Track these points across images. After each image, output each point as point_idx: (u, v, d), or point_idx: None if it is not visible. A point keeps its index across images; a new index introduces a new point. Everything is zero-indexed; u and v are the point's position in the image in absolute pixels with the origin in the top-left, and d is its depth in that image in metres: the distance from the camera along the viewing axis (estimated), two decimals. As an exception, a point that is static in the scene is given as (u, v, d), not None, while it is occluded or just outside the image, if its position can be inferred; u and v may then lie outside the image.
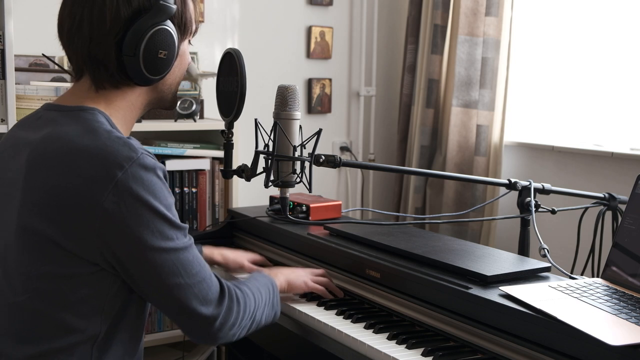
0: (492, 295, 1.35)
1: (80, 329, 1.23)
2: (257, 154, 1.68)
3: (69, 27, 1.26)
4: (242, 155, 2.26)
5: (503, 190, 1.85)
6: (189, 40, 1.38)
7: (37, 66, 2.43)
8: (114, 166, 1.16)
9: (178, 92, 1.44)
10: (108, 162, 1.17)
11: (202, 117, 2.64)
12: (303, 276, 1.66)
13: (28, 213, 1.20)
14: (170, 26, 1.27)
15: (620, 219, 1.77)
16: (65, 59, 2.51)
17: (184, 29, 1.33)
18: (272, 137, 1.62)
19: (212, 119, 2.63)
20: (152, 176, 1.19)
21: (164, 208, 1.20)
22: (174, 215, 1.23)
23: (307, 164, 1.65)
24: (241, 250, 1.97)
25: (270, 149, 1.62)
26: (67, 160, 1.19)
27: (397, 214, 3.30)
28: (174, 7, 1.27)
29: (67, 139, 1.21)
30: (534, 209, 1.74)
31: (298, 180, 1.66)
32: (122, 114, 1.31)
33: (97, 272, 1.22)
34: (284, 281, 1.62)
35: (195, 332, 1.29)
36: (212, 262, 1.86)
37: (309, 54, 3.25)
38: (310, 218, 1.99)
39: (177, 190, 2.42)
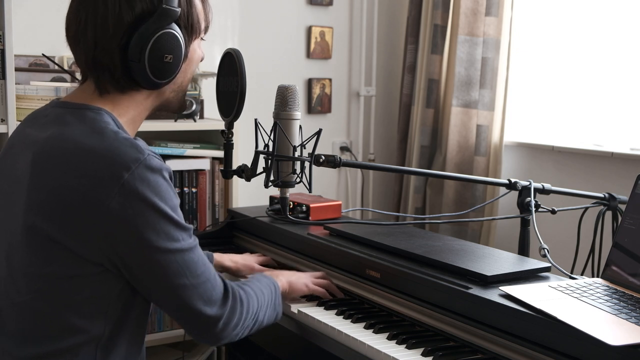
0: (492, 295, 1.35)
1: (84, 329, 1.23)
2: (257, 154, 1.68)
3: (75, 31, 1.26)
4: (242, 155, 2.26)
5: (503, 190, 1.85)
6: (202, 37, 1.37)
7: (37, 66, 2.43)
8: (121, 167, 1.16)
9: None
10: (115, 163, 1.17)
11: (202, 117, 2.64)
12: (304, 278, 1.66)
13: (33, 213, 1.20)
14: (175, 29, 1.27)
15: (620, 219, 1.77)
16: (65, 59, 2.51)
17: (192, 30, 1.32)
18: (272, 137, 1.62)
19: (212, 119, 2.63)
20: (158, 177, 1.19)
21: (169, 209, 1.20)
22: (180, 217, 1.23)
23: (307, 164, 1.65)
24: (247, 254, 1.97)
25: (270, 149, 1.62)
26: (74, 161, 1.18)
27: (397, 214, 3.30)
28: (178, 10, 1.26)
29: (73, 139, 1.21)
30: (534, 209, 1.74)
31: (298, 180, 1.66)
32: (131, 115, 1.31)
33: (101, 272, 1.21)
34: (286, 283, 1.61)
35: (199, 331, 1.30)
36: (223, 269, 1.85)
37: (309, 54, 3.25)
38: (310, 218, 1.99)
39: (177, 190, 2.42)
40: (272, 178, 1.65)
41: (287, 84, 1.63)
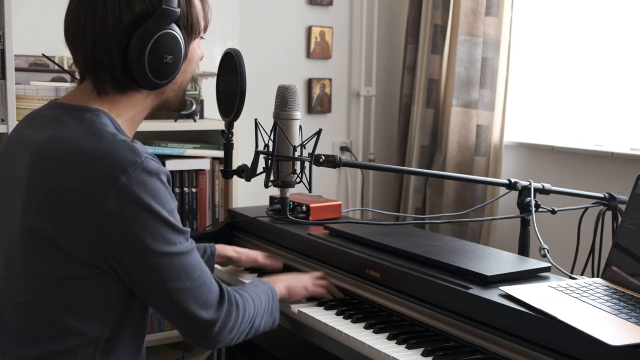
0: (492, 295, 1.35)
1: (83, 331, 1.23)
2: (257, 154, 1.68)
3: (74, 32, 1.26)
4: (242, 155, 2.26)
5: (503, 190, 1.85)
6: (201, 37, 1.37)
7: (37, 66, 2.43)
8: (118, 170, 1.16)
9: None
10: (112, 165, 1.17)
11: (202, 117, 2.64)
12: (303, 281, 1.65)
13: (31, 214, 1.20)
14: (175, 30, 1.26)
15: (620, 219, 1.77)
16: (65, 59, 2.51)
17: (191, 30, 1.32)
18: (272, 137, 1.62)
19: (212, 119, 2.63)
20: (155, 181, 1.19)
21: (166, 213, 1.20)
22: (177, 220, 1.23)
23: (307, 164, 1.65)
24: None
25: (270, 149, 1.62)
26: (71, 163, 1.18)
27: (397, 214, 3.30)
28: (178, 10, 1.26)
29: (71, 141, 1.20)
30: (534, 209, 1.74)
31: (298, 180, 1.66)
32: (129, 115, 1.31)
33: (99, 274, 1.22)
34: (284, 288, 1.60)
35: (194, 335, 1.29)
36: (226, 258, 1.84)
37: (309, 54, 3.25)
38: (310, 218, 1.99)
39: (177, 190, 2.42)
40: (272, 178, 1.65)
41: (287, 84, 1.63)
